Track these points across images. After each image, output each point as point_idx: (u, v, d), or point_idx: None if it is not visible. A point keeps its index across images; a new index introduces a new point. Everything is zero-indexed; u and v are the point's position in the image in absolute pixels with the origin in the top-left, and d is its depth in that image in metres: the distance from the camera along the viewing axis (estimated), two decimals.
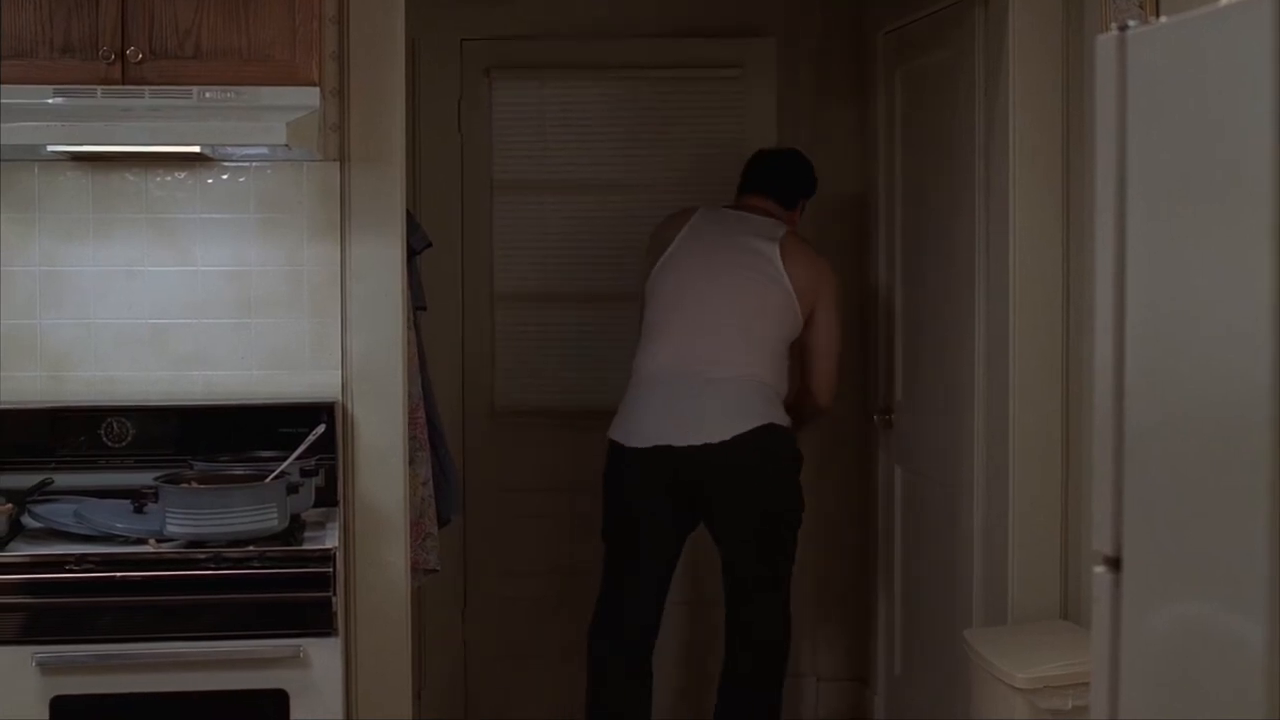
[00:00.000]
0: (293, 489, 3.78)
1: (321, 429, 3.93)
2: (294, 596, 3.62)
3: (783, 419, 4.94)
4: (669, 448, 4.83)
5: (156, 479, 3.73)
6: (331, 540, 3.75)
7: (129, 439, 4.09)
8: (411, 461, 4.37)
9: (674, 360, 4.90)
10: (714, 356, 4.89)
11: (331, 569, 3.63)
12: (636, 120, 5.92)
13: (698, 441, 4.82)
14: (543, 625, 5.91)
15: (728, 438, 4.81)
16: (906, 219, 5.44)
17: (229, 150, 4.06)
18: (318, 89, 3.82)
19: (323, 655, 3.63)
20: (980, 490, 4.73)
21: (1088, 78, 4.23)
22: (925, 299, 5.25)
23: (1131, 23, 2.66)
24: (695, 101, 5.90)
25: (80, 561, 3.58)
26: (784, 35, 5.91)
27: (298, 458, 3.83)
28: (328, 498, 4.07)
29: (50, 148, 3.89)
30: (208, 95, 3.77)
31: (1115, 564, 2.69)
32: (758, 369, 4.91)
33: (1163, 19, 2.68)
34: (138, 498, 3.82)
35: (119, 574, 3.58)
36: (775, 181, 5.25)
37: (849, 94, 5.87)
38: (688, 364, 4.89)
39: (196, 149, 3.95)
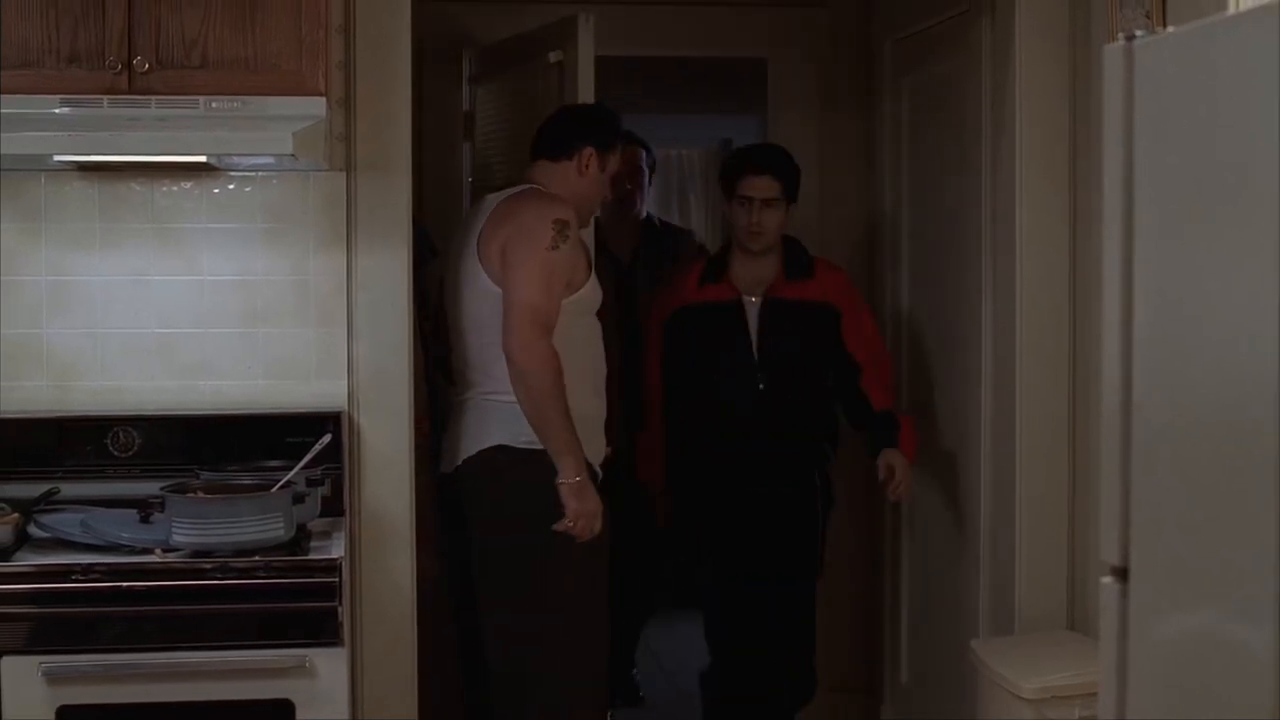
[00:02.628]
0: (299, 499, 3.78)
1: (328, 439, 3.93)
2: (300, 606, 3.62)
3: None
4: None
5: (163, 489, 3.73)
6: (337, 550, 3.75)
7: (135, 449, 4.09)
8: (419, 470, 4.37)
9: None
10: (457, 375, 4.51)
11: (337, 579, 3.63)
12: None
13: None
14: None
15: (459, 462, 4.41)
16: (913, 228, 5.44)
17: (235, 160, 4.07)
18: (324, 99, 3.82)
19: (329, 665, 3.63)
20: (987, 499, 4.72)
21: (1094, 87, 4.23)
22: (933, 307, 5.25)
23: (1139, 32, 2.67)
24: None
25: (86, 571, 3.58)
26: (789, 47, 5.91)
27: (304, 467, 3.83)
28: (334, 507, 4.06)
29: (57, 157, 3.90)
30: (214, 105, 3.77)
31: (1123, 574, 2.69)
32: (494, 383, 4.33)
33: (1170, 29, 2.69)
34: (144, 507, 3.81)
35: (125, 584, 3.58)
36: (540, 137, 4.59)
37: (854, 104, 5.86)
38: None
39: (203, 159, 3.95)
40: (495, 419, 4.29)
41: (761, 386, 4.97)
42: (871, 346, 5.06)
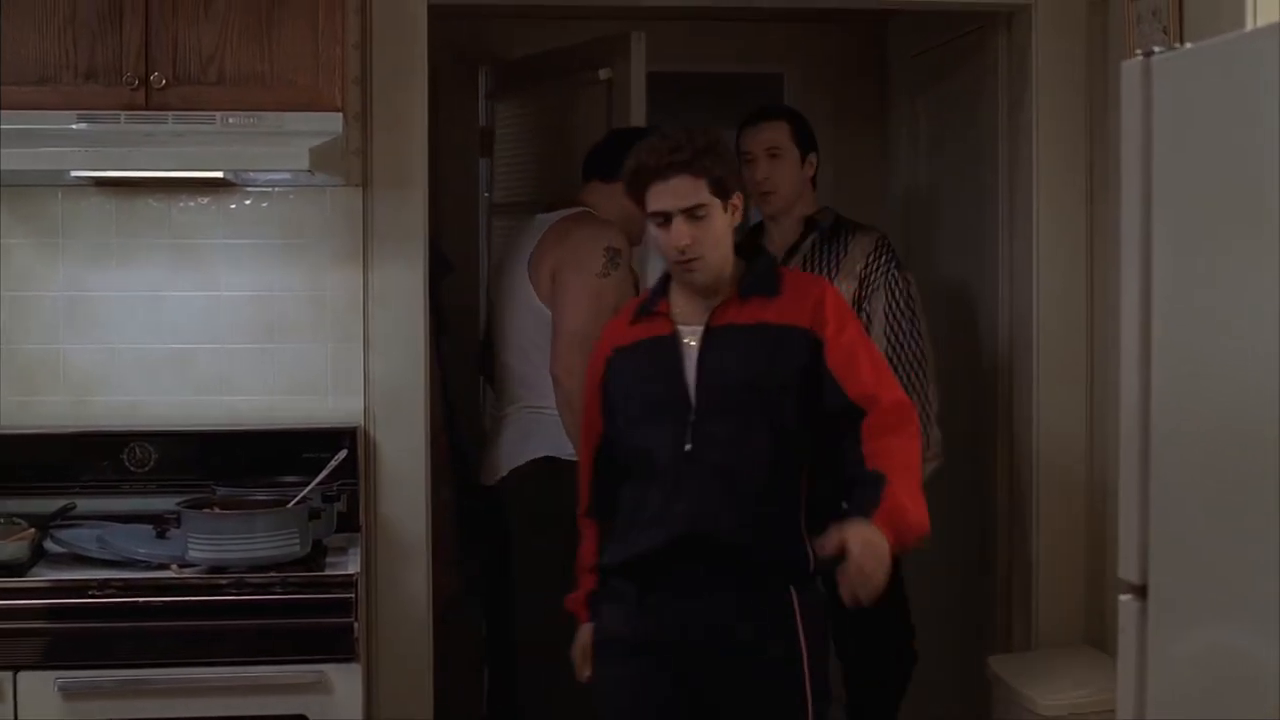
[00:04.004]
0: (315, 514, 3.78)
1: (343, 454, 3.93)
2: (316, 622, 3.61)
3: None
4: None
5: (179, 504, 3.72)
6: (353, 565, 3.74)
7: (151, 464, 4.10)
8: (437, 486, 4.36)
9: None
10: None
11: (353, 594, 3.62)
12: None
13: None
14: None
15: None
16: (928, 243, 5.43)
17: (252, 175, 4.07)
18: (341, 114, 3.83)
19: (344, 680, 3.62)
20: (1004, 515, 4.71)
21: (1112, 102, 4.23)
22: (949, 323, 5.24)
23: (1157, 49, 2.67)
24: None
25: (102, 586, 3.58)
26: (804, 64, 5.91)
27: (320, 483, 3.82)
28: (350, 523, 4.06)
29: (74, 173, 3.91)
30: (231, 120, 3.78)
31: (1141, 592, 2.68)
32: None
33: (1187, 44, 2.68)
34: (160, 523, 3.82)
35: (141, 599, 3.58)
36: (592, 157, 4.61)
37: (870, 120, 5.86)
38: None
39: (220, 174, 3.96)
40: (540, 431, 4.35)
41: (688, 448, 3.39)
42: (873, 375, 3.47)
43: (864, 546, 3.19)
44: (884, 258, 4.53)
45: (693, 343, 3.48)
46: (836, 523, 3.26)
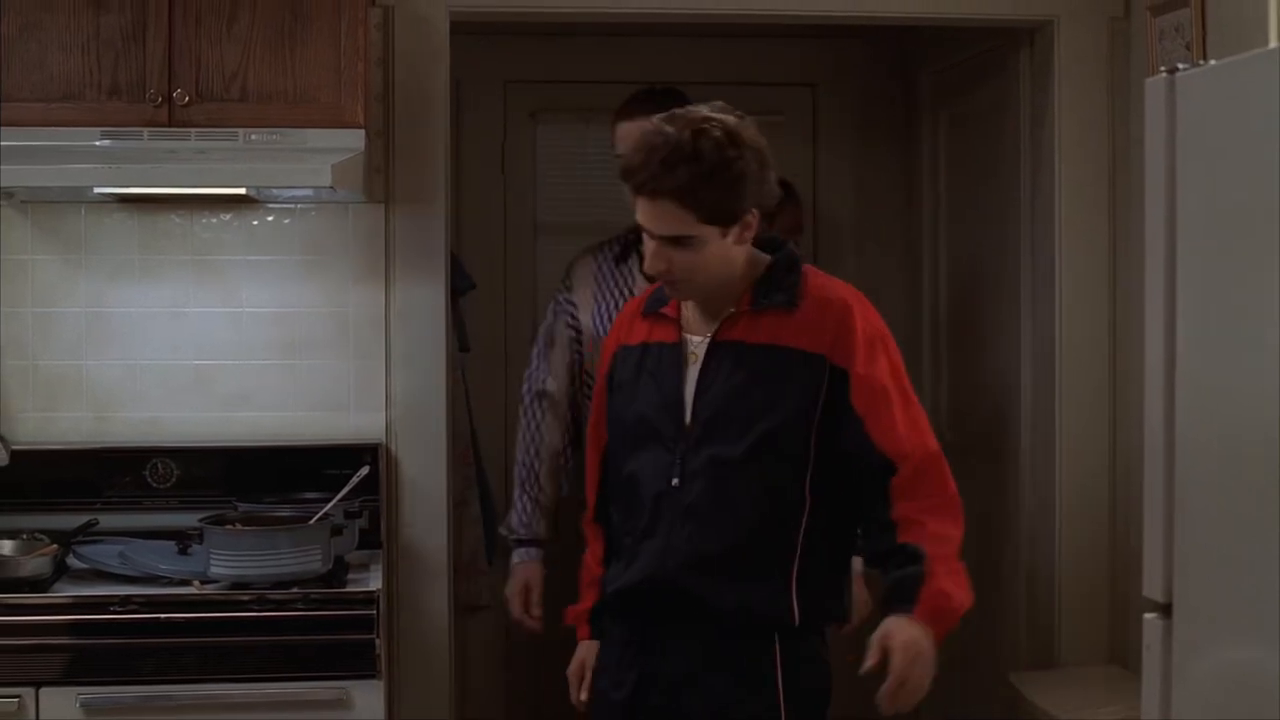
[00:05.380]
0: (336, 531, 3.78)
1: (365, 471, 3.93)
2: (337, 639, 3.61)
3: None
4: None
5: (201, 520, 3.73)
6: (375, 582, 3.74)
7: (174, 480, 4.10)
8: (463, 502, 4.36)
9: None
10: None
11: (375, 611, 3.62)
12: None
13: None
14: None
15: None
16: (952, 260, 5.42)
17: (274, 192, 4.08)
18: (363, 131, 3.84)
19: (365, 697, 3.62)
20: (1027, 530, 4.69)
21: (1134, 118, 4.22)
22: (971, 340, 5.23)
23: (1181, 65, 2.66)
24: None
25: (125, 603, 3.58)
26: (826, 79, 5.91)
27: (342, 499, 3.83)
28: (371, 540, 4.06)
29: (98, 190, 3.92)
30: (253, 137, 3.79)
31: (1166, 610, 2.67)
32: None
33: (1211, 61, 2.67)
34: (182, 539, 3.82)
35: (163, 615, 3.58)
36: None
37: (892, 137, 5.85)
38: None
39: (242, 191, 3.97)
40: None
41: (674, 482, 3.07)
42: (906, 421, 3.05)
43: (907, 655, 2.87)
44: None
45: (698, 356, 3.10)
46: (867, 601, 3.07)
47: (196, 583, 3.66)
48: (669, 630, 3.09)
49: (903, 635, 2.89)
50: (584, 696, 3.28)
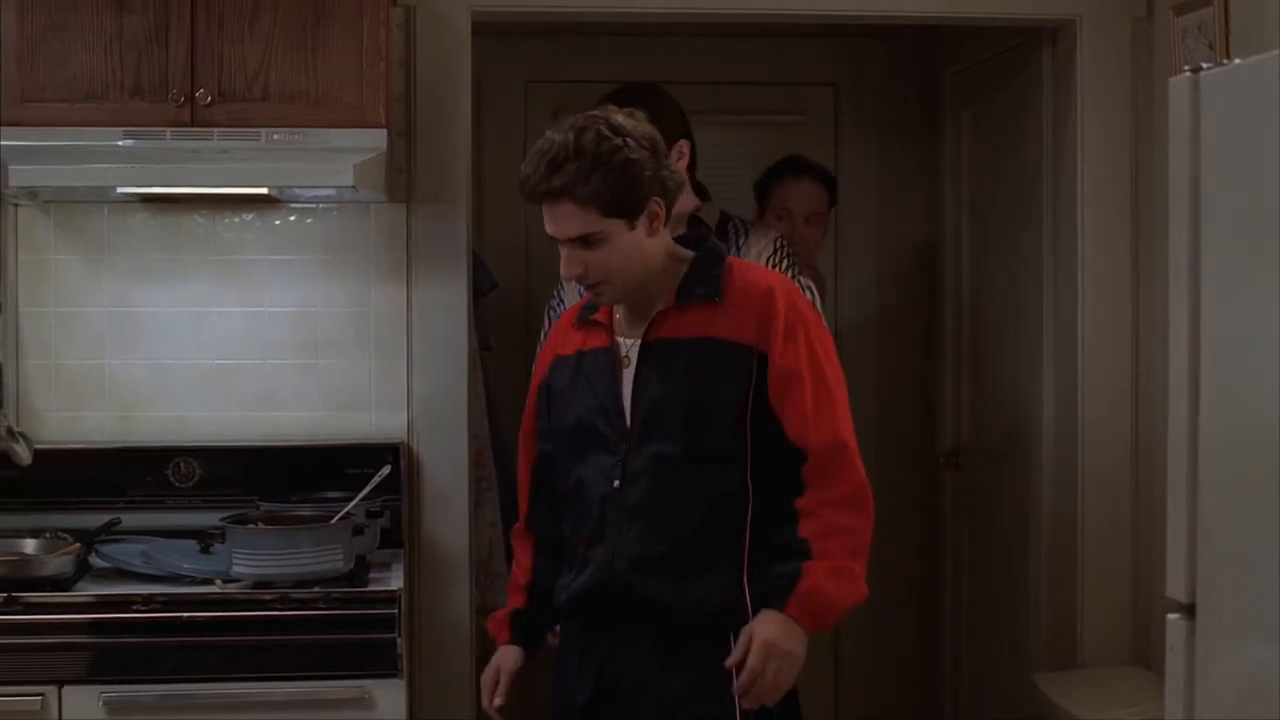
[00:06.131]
0: (358, 530, 3.79)
1: (387, 470, 3.93)
2: (359, 638, 3.62)
3: None
4: None
5: (223, 519, 3.74)
6: (396, 581, 3.75)
7: (196, 479, 4.11)
8: (479, 503, 4.37)
9: None
10: None
11: (396, 610, 3.63)
12: (701, 165, 5.89)
13: None
14: None
15: None
16: (974, 260, 5.41)
17: (296, 192, 4.09)
18: (384, 131, 3.84)
19: (387, 696, 3.62)
20: (1048, 530, 4.68)
21: (1158, 117, 4.21)
22: (993, 340, 5.22)
23: (1205, 64, 2.65)
24: (758, 147, 5.88)
25: (147, 602, 3.59)
26: (848, 79, 5.90)
27: (363, 499, 3.83)
28: (393, 539, 4.07)
29: (120, 189, 3.93)
30: (275, 137, 3.80)
31: (1190, 611, 2.66)
32: None
33: (1235, 60, 2.66)
34: (204, 538, 3.84)
35: (185, 614, 3.59)
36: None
37: (914, 135, 5.85)
38: None
39: (264, 191, 3.97)
40: None
41: (616, 484, 3.08)
42: (812, 407, 3.03)
43: (762, 653, 2.94)
44: (785, 261, 3.98)
45: (630, 359, 3.11)
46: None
47: (219, 582, 3.66)
48: (623, 632, 3.08)
49: (764, 633, 2.96)
50: (498, 702, 3.25)
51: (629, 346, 3.12)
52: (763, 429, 3.03)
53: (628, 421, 3.08)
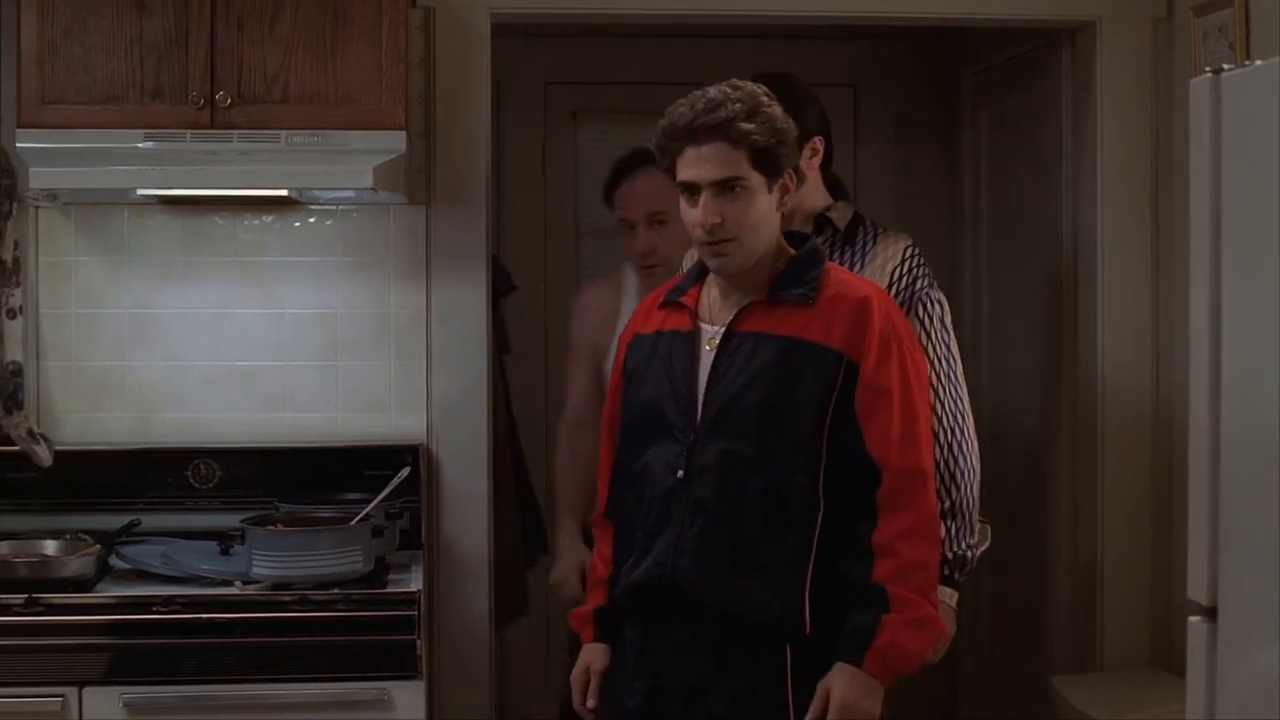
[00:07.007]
0: (378, 532, 3.79)
1: (406, 471, 3.94)
2: (378, 639, 3.62)
3: None
4: None
5: (243, 521, 3.75)
6: (416, 583, 3.75)
7: (216, 480, 4.12)
8: (498, 504, 4.37)
9: None
10: None
11: (416, 612, 3.63)
12: None
13: None
14: None
15: None
16: (993, 260, 5.40)
17: (316, 193, 4.09)
18: (404, 133, 3.85)
19: (406, 698, 3.63)
20: (1068, 531, 4.67)
21: (1178, 119, 4.20)
22: (1012, 341, 5.21)
23: (1226, 66, 2.64)
24: None
25: (167, 603, 3.60)
26: (867, 80, 5.89)
27: (383, 500, 3.84)
28: (412, 540, 4.07)
29: (140, 191, 3.93)
30: (295, 139, 3.80)
31: (1211, 614, 2.65)
32: None
33: (1255, 61, 2.66)
34: (224, 539, 3.85)
35: (205, 616, 3.59)
36: None
37: (933, 137, 5.84)
38: None
39: (284, 192, 3.98)
40: None
41: (680, 474, 3.02)
42: (899, 428, 2.97)
43: (843, 715, 2.88)
44: (914, 272, 3.66)
45: (713, 345, 3.04)
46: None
47: (238, 583, 3.67)
48: (678, 638, 3.02)
49: (843, 694, 2.90)
50: (591, 704, 3.18)
51: (712, 333, 3.05)
52: (840, 439, 2.96)
53: (699, 411, 3.01)
